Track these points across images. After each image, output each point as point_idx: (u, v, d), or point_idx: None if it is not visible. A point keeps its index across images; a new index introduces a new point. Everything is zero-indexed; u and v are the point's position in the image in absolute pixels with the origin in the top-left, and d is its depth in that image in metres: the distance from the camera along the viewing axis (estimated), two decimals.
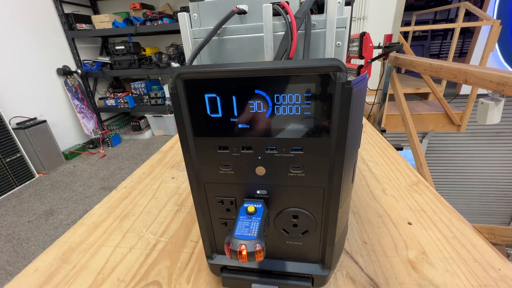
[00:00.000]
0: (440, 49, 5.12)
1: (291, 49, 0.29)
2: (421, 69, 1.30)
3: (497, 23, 2.29)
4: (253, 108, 0.28)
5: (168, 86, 0.83)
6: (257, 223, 0.30)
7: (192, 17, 0.35)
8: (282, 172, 0.31)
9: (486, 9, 3.16)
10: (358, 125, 0.31)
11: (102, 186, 2.43)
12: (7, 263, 1.63)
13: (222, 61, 0.35)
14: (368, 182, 0.69)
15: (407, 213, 0.56)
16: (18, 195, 2.34)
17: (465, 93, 2.82)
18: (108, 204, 0.66)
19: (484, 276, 0.40)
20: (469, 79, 0.89)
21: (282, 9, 0.30)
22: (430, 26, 4.49)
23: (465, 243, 0.47)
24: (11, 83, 2.54)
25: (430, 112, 2.47)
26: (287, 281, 0.37)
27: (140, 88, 3.33)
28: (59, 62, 3.05)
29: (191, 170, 0.33)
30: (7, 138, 2.38)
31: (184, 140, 0.31)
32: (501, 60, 3.26)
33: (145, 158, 2.63)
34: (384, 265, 0.43)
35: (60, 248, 0.52)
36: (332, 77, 0.25)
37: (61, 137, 2.95)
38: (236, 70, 0.26)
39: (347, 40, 0.33)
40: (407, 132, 1.68)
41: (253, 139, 0.30)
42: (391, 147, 0.89)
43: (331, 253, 0.36)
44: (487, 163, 3.79)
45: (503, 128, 3.50)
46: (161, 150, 0.98)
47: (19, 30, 2.62)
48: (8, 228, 1.92)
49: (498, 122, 1.20)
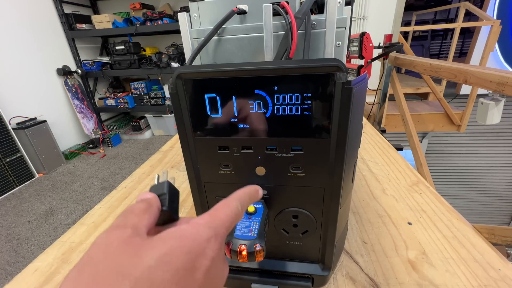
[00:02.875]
0: (440, 49, 5.12)
1: (291, 49, 0.29)
2: (421, 69, 1.30)
3: (497, 23, 2.29)
4: (253, 108, 0.28)
5: (168, 86, 0.83)
6: (257, 223, 0.30)
7: (192, 17, 0.35)
8: (282, 172, 0.31)
9: (486, 9, 3.15)
10: (358, 125, 0.32)
11: (102, 186, 2.43)
12: (7, 263, 1.63)
13: (222, 61, 0.35)
14: (368, 182, 0.69)
15: (407, 213, 0.56)
16: (18, 195, 2.34)
17: (465, 93, 2.82)
18: (108, 204, 0.66)
19: (484, 276, 0.40)
20: (469, 79, 0.89)
21: (282, 9, 0.30)
22: (430, 26, 4.49)
23: (465, 243, 0.47)
24: (11, 83, 2.54)
25: (430, 112, 2.47)
26: (287, 281, 0.37)
27: (140, 88, 3.33)
28: (59, 62, 3.04)
29: (191, 170, 0.33)
30: (7, 138, 2.38)
31: (184, 140, 0.31)
32: (501, 60, 3.26)
33: (145, 158, 2.62)
34: (384, 265, 0.43)
35: (60, 248, 0.52)
36: (332, 77, 0.25)
37: (61, 137, 2.95)
38: (236, 70, 0.26)
39: (347, 40, 0.33)
40: (407, 132, 1.68)
41: (253, 139, 0.30)
42: (391, 147, 0.89)
43: (331, 253, 0.36)
44: (487, 163, 3.79)
45: (503, 128, 3.49)
46: (161, 150, 0.98)
47: (19, 30, 2.62)
48: (8, 228, 1.92)
49: (498, 122, 1.20)
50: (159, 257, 0.15)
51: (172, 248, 0.16)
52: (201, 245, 0.17)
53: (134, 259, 0.15)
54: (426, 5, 4.52)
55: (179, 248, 0.16)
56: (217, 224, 0.19)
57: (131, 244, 0.16)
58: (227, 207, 0.21)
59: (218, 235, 0.19)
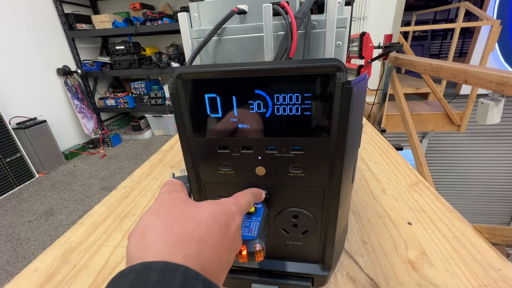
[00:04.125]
0: (440, 49, 5.12)
1: (291, 49, 0.29)
2: (421, 69, 1.30)
3: (497, 23, 2.29)
4: (253, 108, 0.28)
5: (168, 86, 0.83)
6: (257, 223, 0.30)
7: (192, 17, 0.35)
8: (282, 172, 0.31)
9: (486, 9, 3.15)
10: (358, 125, 0.31)
11: (102, 186, 2.43)
12: (7, 263, 1.63)
13: (222, 61, 0.35)
14: (368, 182, 0.69)
15: (407, 213, 0.56)
16: (18, 195, 2.34)
17: (465, 93, 2.82)
18: (108, 204, 0.66)
19: (484, 276, 0.40)
20: (469, 79, 0.89)
21: (282, 9, 0.30)
22: (430, 26, 4.49)
23: (465, 243, 0.47)
24: (11, 83, 2.54)
25: (430, 112, 2.47)
26: (287, 281, 0.37)
27: (140, 88, 3.33)
28: (59, 62, 3.04)
29: (191, 170, 0.33)
30: (7, 138, 2.38)
31: (184, 140, 0.31)
32: (501, 60, 3.26)
33: (145, 158, 2.62)
34: (384, 265, 0.43)
35: (60, 248, 0.52)
36: (332, 77, 0.25)
37: (61, 137, 2.95)
38: (236, 70, 0.26)
39: (347, 40, 0.33)
40: (407, 132, 1.68)
41: (253, 139, 0.30)
42: (391, 147, 0.89)
43: (331, 253, 0.36)
44: (487, 163, 3.79)
45: (503, 128, 3.49)
46: (161, 150, 0.98)
47: (19, 30, 2.62)
48: (8, 228, 1.92)
49: (498, 122, 1.20)
50: (211, 211, 0.22)
51: (217, 209, 0.23)
52: (232, 214, 0.24)
53: (195, 210, 0.22)
54: (426, 5, 4.52)
55: (221, 210, 0.23)
56: (240, 205, 0.26)
57: (189, 202, 0.23)
58: (244, 196, 0.28)
59: (241, 212, 0.25)
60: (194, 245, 0.18)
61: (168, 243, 0.18)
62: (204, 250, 0.19)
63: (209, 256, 0.19)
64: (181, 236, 0.19)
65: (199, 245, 0.19)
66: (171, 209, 0.21)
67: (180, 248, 0.18)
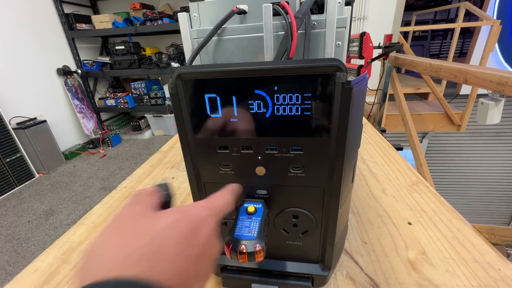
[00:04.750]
0: (440, 49, 5.12)
1: (291, 49, 0.29)
2: (421, 69, 1.30)
3: (497, 23, 2.29)
4: (253, 108, 0.28)
5: (168, 86, 0.83)
6: (257, 223, 0.30)
7: (192, 17, 0.35)
8: (282, 172, 0.31)
9: (486, 9, 3.15)
10: (358, 125, 0.31)
11: (102, 186, 2.43)
12: (7, 263, 1.63)
13: (222, 61, 0.35)
14: (368, 182, 0.69)
15: (407, 213, 0.56)
16: (18, 195, 2.34)
17: (465, 93, 2.82)
18: (108, 204, 0.66)
19: (484, 276, 0.40)
20: (469, 79, 0.89)
21: (282, 9, 0.30)
22: (430, 26, 4.49)
23: (465, 243, 0.47)
24: (11, 83, 2.54)
25: (430, 112, 2.47)
26: (287, 281, 0.37)
27: (140, 88, 3.33)
28: (59, 62, 3.05)
29: (191, 170, 0.33)
30: (7, 138, 2.38)
31: (184, 140, 0.31)
32: (501, 60, 3.26)
33: (145, 158, 2.62)
34: (384, 265, 0.43)
35: (60, 248, 0.52)
36: (332, 77, 0.25)
37: (61, 137, 2.95)
38: (236, 70, 0.26)
39: (347, 40, 0.33)
40: (407, 132, 1.68)
41: (253, 139, 0.30)
42: (391, 147, 0.89)
43: (331, 253, 0.36)
44: (487, 163, 3.79)
45: (503, 128, 3.49)
46: (161, 150, 0.98)
47: (19, 30, 2.62)
48: (8, 228, 1.92)
49: (498, 122, 1.20)
50: (170, 222, 0.20)
51: (179, 218, 0.21)
52: (201, 220, 0.21)
53: (150, 223, 0.20)
54: (426, 5, 4.52)
55: (184, 218, 0.21)
56: (213, 207, 0.24)
57: (147, 214, 0.21)
58: (220, 197, 0.27)
59: (214, 215, 0.23)
60: (147, 262, 0.17)
61: (118, 262, 0.17)
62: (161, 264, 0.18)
63: (166, 270, 0.18)
64: (134, 252, 0.18)
65: (153, 260, 0.18)
66: (127, 224, 0.20)
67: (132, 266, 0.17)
